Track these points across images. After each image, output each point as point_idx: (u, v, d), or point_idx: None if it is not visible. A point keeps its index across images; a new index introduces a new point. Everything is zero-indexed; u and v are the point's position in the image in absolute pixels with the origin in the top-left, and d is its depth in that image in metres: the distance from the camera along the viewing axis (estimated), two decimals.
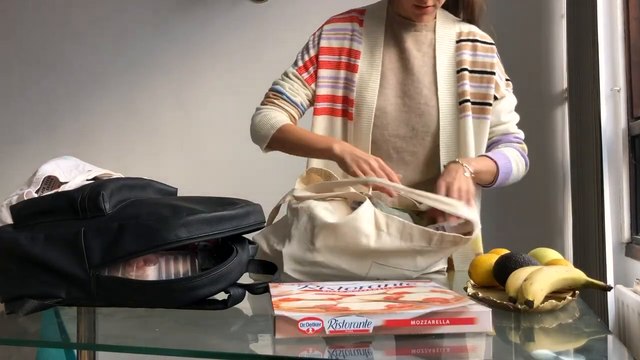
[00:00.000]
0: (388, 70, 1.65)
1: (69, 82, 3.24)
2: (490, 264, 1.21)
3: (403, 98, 1.64)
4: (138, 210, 1.06)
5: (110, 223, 1.02)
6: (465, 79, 1.65)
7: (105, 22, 3.22)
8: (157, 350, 0.90)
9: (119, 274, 1.04)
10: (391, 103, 1.63)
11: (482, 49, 1.69)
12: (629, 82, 2.42)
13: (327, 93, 1.67)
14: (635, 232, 2.37)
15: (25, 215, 1.07)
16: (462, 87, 1.64)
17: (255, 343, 0.93)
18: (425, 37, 1.68)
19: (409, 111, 1.63)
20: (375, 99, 1.62)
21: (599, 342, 0.96)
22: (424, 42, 1.67)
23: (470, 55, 1.67)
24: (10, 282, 1.06)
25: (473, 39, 1.69)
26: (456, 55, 1.67)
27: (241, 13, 3.10)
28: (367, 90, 1.63)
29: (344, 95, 1.66)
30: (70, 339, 1.01)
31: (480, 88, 1.66)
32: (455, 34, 1.69)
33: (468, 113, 1.63)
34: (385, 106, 1.63)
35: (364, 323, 0.87)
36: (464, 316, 0.89)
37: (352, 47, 1.67)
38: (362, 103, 1.63)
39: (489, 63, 1.68)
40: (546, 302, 1.04)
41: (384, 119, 1.63)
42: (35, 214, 1.07)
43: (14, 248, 1.04)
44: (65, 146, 3.18)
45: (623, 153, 2.40)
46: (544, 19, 2.93)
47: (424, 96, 1.63)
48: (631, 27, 2.44)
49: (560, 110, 2.90)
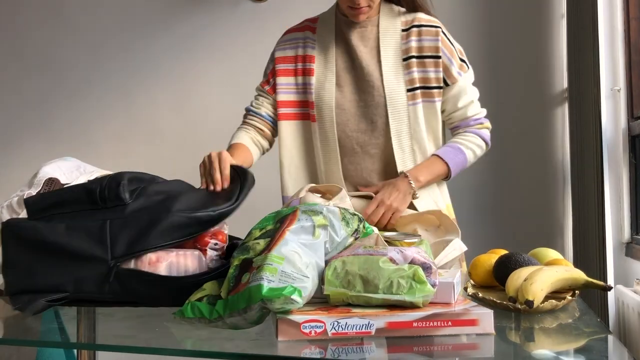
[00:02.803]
0: (341, 70, 1.72)
1: (67, 83, 3.24)
2: (490, 264, 1.21)
3: (358, 94, 1.70)
4: (166, 201, 1.08)
5: (137, 214, 1.05)
6: (413, 67, 1.69)
7: (105, 22, 3.22)
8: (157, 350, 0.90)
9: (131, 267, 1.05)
10: (348, 100, 1.70)
11: (426, 33, 1.71)
12: (629, 82, 2.42)
13: (287, 99, 1.75)
14: (635, 232, 2.37)
15: (40, 208, 1.08)
16: (411, 75, 1.69)
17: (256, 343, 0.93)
18: (371, 32, 1.73)
19: (365, 105, 1.69)
20: (333, 98, 1.70)
21: (599, 342, 0.96)
22: (370, 37, 1.73)
23: (415, 41, 1.70)
24: (20, 274, 1.06)
25: (418, 25, 1.72)
26: (402, 44, 1.71)
27: (241, 13, 3.10)
28: (324, 91, 1.70)
29: (304, 99, 1.74)
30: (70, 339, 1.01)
31: (427, 72, 1.69)
32: (401, 23, 1.73)
33: (418, 100, 1.69)
34: (343, 104, 1.70)
35: (366, 325, 0.87)
36: (465, 318, 0.89)
37: (306, 53, 1.75)
38: (321, 103, 1.70)
39: (434, 47, 1.70)
40: (546, 302, 1.04)
41: (343, 116, 1.69)
42: (51, 206, 1.08)
43: (34, 237, 1.04)
44: (64, 147, 3.18)
45: (623, 153, 2.40)
46: (544, 19, 2.93)
47: (376, 88, 1.68)
48: (631, 27, 2.44)
49: (560, 110, 2.90)
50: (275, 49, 1.80)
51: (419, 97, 1.68)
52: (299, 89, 1.75)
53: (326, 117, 1.69)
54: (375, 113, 1.68)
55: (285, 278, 0.90)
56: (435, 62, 1.69)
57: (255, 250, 0.99)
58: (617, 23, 2.47)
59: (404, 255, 0.99)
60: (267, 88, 1.77)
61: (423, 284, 0.93)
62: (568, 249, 2.74)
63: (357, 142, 1.70)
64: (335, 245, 1.04)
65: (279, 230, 1.00)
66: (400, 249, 1.00)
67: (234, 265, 0.98)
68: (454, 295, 0.97)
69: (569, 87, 2.69)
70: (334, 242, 1.03)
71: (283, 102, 1.75)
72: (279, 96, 1.75)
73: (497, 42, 2.94)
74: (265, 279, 0.89)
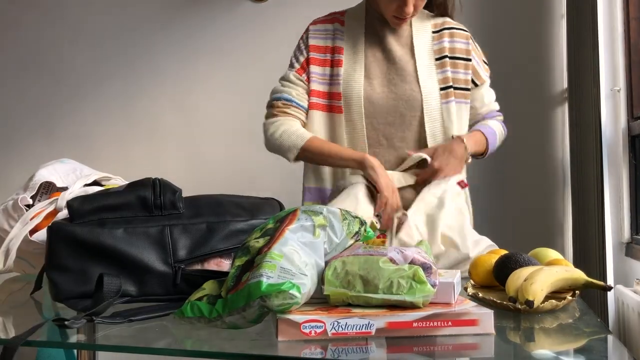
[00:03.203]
0: (371, 63, 1.74)
1: (67, 83, 3.23)
2: (490, 264, 1.21)
3: (389, 87, 1.72)
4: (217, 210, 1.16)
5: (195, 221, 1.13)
6: (447, 66, 1.75)
7: (104, 22, 3.22)
8: (157, 350, 0.90)
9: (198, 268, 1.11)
10: (377, 92, 1.72)
11: (458, 35, 1.80)
12: (629, 82, 2.42)
13: (318, 89, 1.75)
14: (635, 232, 2.37)
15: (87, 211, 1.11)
16: (445, 74, 1.75)
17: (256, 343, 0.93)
18: (404, 31, 1.77)
19: (396, 98, 1.71)
20: (362, 90, 1.71)
21: (599, 342, 0.96)
22: (403, 35, 1.77)
23: (448, 42, 1.78)
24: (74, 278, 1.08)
25: (449, 27, 1.80)
26: (434, 45, 1.77)
27: (241, 13, 3.10)
28: (353, 82, 1.72)
29: (331, 91, 1.74)
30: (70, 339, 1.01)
31: (459, 74, 1.77)
32: (431, 26, 1.80)
33: (451, 98, 1.75)
34: (372, 95, 1.71)
35: (367, 325, 0.87)
36: (466, 318, 0.89)
37: (335, 45, 1.76)
38: (350, 95, 1.71)
39: (465, 50, 1.79)
40: (546, 302, 1.04)
41: (372, 109, 1.71)
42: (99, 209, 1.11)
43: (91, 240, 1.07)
44: (64, 148, 3.18)
45: (623, 153, 2.40)
46: (544, 19, 2.93)
47: (408, 83, 1.72)
48: (631, 27, 2.44)
49: (560, 110, 2.90)
50: (307, 37, 1.79)
51: (452, 96, 1.74)
52: (327, 79, 1.75)
53: (354, 108, 1.71)
54: (405, 107, 1.71)
55: (284, 274, 0.90)
56: (466, 65, 1.78)
57: (255, 249, 0.99)
58: (617, 23, 2.46)
59: (404, 255, 0.99)
60: (305, 77, 1.75)
61: (423, 284, 0.93)
62: (568, 249, 2.74)
63: (384, 134, 1.72)
64: (334, 247, 1.04)
65: (279, 229, 1.01)
66: (401, 249, 1.00)
67: (236, 265, 0.98)
68: (454, 295, 0.97)
69: (569, 87, 2.69)
70: (332, 243, 1.04)
71: (315, 91, 1.75)
72: (312, 85, 1.75)
73: (497, 42, 2.94)
74: (264, 275, 0.89)
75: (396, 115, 1.71)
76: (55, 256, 1.09)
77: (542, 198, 2.88)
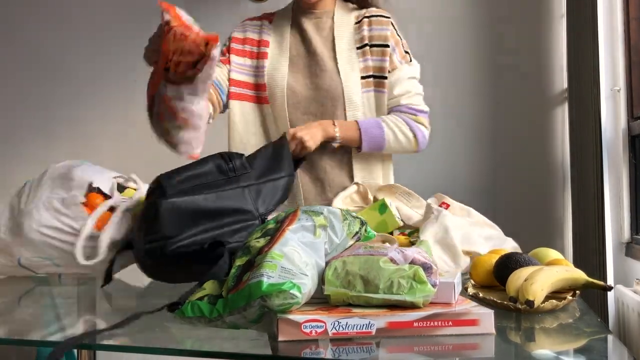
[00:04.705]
0: (295, 56, 1.79)
1: (67, 83, 3.23)
2: (490, 264, 1.21)
3: (310, 78, 1.77)
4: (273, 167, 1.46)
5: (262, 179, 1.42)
6: (367, 55, 1.77)
7: (105, 22, 3.22)
8: (157, 350, 0.90)
9: None
10: (301, 84, 1.76)
11: (377, 22, 1.79)
12: (629, 82, 2.42)
13: (240, 79, 1.80)
14: (635, 232, 2.37)
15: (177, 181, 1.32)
16: (365, 63, 1.77)
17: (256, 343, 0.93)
18: (325, 23, 1.81)
19: (316, 89, 1.75)
20: (285, 81, 1.76)
21: (599, 342, 0.96)
22: (325, 27, 1.81)
23: (367, 30, 1.78)
24: (184, 239, 1.25)
25: (369, 15, 1.80)
26: (356, 34, 1.79)
27: (241, 13, 3.09)
28: (277, 73, 1.77)
29: (256, 82, 1.80)
30: None
31: (378, 61, 1.76)
32: (354, 17, 1.82)
33: (370, 88, 1.76)
34: (295, 86, 1.76)
35: (367, 325, 0.87)
36: (466, 318, 0.89)
37: (261, 38, 1.83)
38: (274, 86, 1.77)
39: (384, 35, 1.77)
40: (546, 302, 1.04)
41: (294, 99, 1.76)
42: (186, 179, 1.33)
43: (193, 208, 1.27)
44: (64, 148, 3.18)
45: (623, 153, 2.40)
46: (544, 18, 2.93)
47: (328, 73, 1.75)
48: (631, 27, 2.44)
49: (560, 110, 2.90)
50: (233, 31, 1.85)
51: (371, 85, 1.76)
52: (251, 71, 1.80)
53: (278, 98, 1.75)
54: (326, 96, 1.74)
55: (284, 274, 0.90)
56: (384, 51, 1.76)
57: (256, 249, 0.99)
58: (617, 23, 2.47)
59: (405, 255, 0.99)
60: (222, 58, 1.79)
61: (423, 284, 0.93)
62: (568, 249, 2.74)
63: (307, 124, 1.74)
64: (335, 247, 1.04)
65: (280, 229, 1.01)
66: (401, 249, 1.00)
67: (237, 265, 0.98)
68: (455, 295, 0.97)
69: (569, 88, 2.69)
70: (333, 243, 1.04)
71: (236, 81, 1.79)
72: (232, 74, 1.79)
73: (497, 42, 2.94)
74: (265, 275, 0.89)
75: (317, 105, 1.75)
76: (167, 228, 1.26)
77: (542, 198, 2.88)
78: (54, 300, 1.37)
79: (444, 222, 1.47)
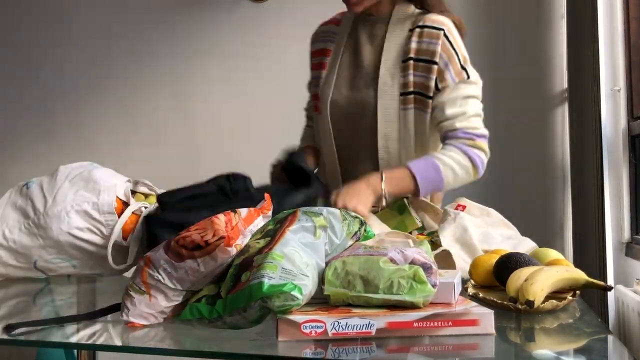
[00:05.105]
0: (344, 66, 1.71)
1: (67, 83, 3.23)
2: (490, 264, 1.21)
3: (352, 90, 1.68)
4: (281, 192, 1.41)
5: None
6: (410, 69, 1.61)
7: (105, 23, 3.22)
8: (157, 350, 0.90)
9: None
10: (343, 97, 1.69)
11: (427, 34, 1.61)
12: (629, 82, 2.42)
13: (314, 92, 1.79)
14: (635, 232, 2.37)
15: (174, 200, 1.33)
16: (406, 78, 1.61)
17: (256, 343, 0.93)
18: (379, 30, 1.69)
19: (356, 102, 1.67)
20: (330, 93, 1.69)
21: (599, 342, 0.96)
22: (377, 35, 1.69)
23: (416, 42, 1.62)
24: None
25: (422, 25, 1.62)
26: (405, 45, 1.63)
27: (241, 13, 3.10)
28: (326, 85, 1.72)
29: (315, 92, 1.77)
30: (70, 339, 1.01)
31: (422, 78, 1.61)
32: (409, 24, 1.65)
33: (410, 106, 1.62)
34: (337, 100, 1.69)
35: (367, 325, 0.87)
36: (466, 318, 0.89)
37: (325, 47, 1.77)
38: (322, 99, 1.72)
39: (432, 51, 1.60)
40: (547, 302, 1.04)
41: (337, 113, 1.69)
42: (184, 199, 1.33)
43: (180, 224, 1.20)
44: (64, 148, 3.18)
45: (623, 153, 2.40)
46: (544, 19, 2.93)
47: (367, 87, 1.65)
48: (631, 27, 2.44)
49: (560, 110, 2.90)
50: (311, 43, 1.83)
51: (411, 103, 1.61)
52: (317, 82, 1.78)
53: (323, 111, 1.71)
54: (363, 113, 1.65)
55: (285, 275, 0.90)
56: (430, 68, 1.60)
57: (255, 249, 0.99)
58: (617, 23, 2.47)
59: (405, 255, 0.99)
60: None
61: (423, 284, 0.93)
62: (568, 249, 2.74)
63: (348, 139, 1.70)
64: (335, 247, 1.04)
65: (280, 230, 1.00)
66: (401, 249, 1.00)
67: (235, 264, 0.98)
68: (455, 295, 0.97)
69: (569, 87, 2.69)
70: (333, 244, 1.03)
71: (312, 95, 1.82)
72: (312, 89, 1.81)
73: (497, 42, 2.94)
74: (266, 276, 0.89)
75: (355, 119, 1.66)
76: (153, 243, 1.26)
77: (542, 198, 2.88)
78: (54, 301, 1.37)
79: (462, 222, 1.44)
